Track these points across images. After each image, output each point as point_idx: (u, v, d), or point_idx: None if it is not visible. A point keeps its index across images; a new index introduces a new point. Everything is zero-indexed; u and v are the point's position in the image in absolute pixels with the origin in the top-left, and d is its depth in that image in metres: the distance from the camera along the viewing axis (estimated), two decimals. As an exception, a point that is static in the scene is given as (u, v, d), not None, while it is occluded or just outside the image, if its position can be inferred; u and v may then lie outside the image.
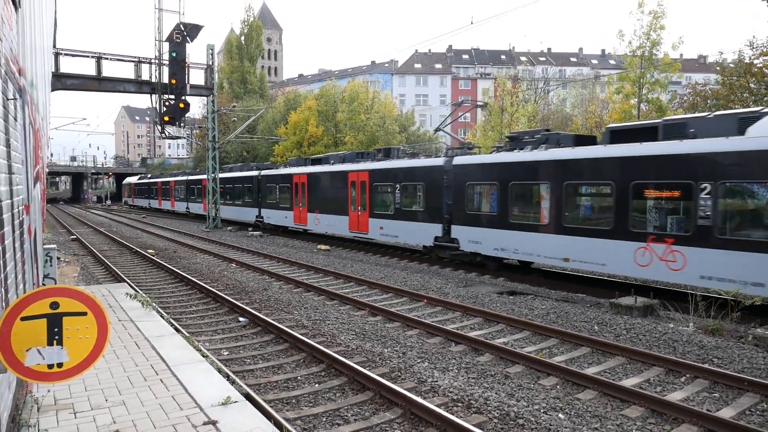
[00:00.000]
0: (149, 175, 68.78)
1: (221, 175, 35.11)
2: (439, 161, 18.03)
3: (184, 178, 45.62)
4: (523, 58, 79.84)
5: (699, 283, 10.83)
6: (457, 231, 16.79)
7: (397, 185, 19.55)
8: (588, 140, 14.48)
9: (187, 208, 43.88)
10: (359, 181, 21.50)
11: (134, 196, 66.69)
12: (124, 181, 77.28)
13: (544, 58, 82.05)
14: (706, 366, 7.53)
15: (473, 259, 16.62)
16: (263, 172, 30.96)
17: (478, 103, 24.10)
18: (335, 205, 23.11)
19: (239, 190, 33.34)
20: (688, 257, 10.76)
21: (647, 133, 12.11)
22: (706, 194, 10.48)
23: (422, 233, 18.33)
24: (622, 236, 12.07)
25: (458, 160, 17.01)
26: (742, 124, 10.28)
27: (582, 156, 13.15)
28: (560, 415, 6.15)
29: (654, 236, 11.46)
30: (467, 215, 16.41)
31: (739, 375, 7.11)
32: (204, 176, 39.24)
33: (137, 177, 71.11)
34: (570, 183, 13.34)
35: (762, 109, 10.53)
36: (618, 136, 12.77)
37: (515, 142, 15.97)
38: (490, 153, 16.99)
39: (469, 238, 16.31)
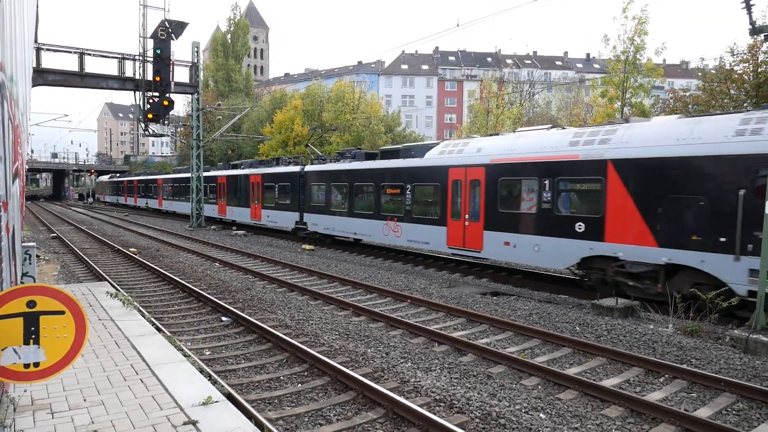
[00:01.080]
0: (117, 175, 76.56)
1: (168, 176, 43.71)
2: (297, 168, 25.24)
3: (144, 177, 54.21)
4: (509, 61, 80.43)
5: (407, 243, 18.21)
6: (306, 217, 24.17)
7: (276, 185, 26.85)
8: (372, 156, 21.38)
9: (147, 203, 51.97)
10: (256, 183, 29.08)
11: (105, 194, 74.67)
12: (97, 180, 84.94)
13: (529, 61, 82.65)
14: (684, 366, 7.64)
15: (314, 235, 23.95)
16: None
17: (331, 128, 37.75)
18: (242, 200, 30.88)
19: (183, 189, 40.69)
20: (403, 229, 18.06)
21: (395, 154, 19.42)
22: (409, 192, 17.77)
23: (289, 219, 25.65)
24: (377, 217, 19.27)
25: (307, 168, 24.56)
26: (427, 150, 17.56)
27: (361, 167, 20.58)
28: (541, 414, 6.20)
29: (389, 217, 18.68)
30: (311, 206, 23.77)
31: (716, 375, 7.22)
32: (158, 176, 48.57)
33: (108, 176, 77.93)
34: (356, 184, 20.62)
35: (440, 141, 18.33)
36: (384, 154, 20.29)
37: (341, 156, 23.79)
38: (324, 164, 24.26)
39: (312, 222, 23.68)
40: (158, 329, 8.53)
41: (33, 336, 3.15)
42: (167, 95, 23.68)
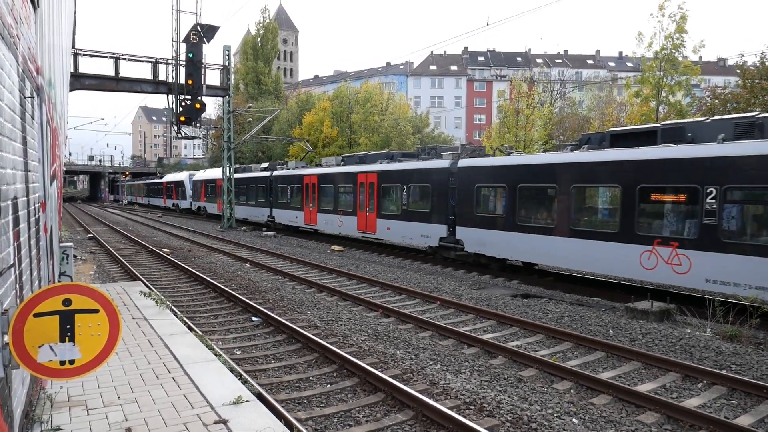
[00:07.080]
0: (127, 178, 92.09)
1: (137, 182, 70.64)
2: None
3: (148, 181, 68.90)
4: (539, 60, 79.44)
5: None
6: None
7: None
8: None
9: (148, 202, 66.13)
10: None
11: (124, 194, 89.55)
12: (117, 183, 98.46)
13: (560, 60, 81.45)
14: (723, 372, 7.39)
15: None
16: (147, 180, 61.61)
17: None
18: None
19: (136, 189, 65.19)
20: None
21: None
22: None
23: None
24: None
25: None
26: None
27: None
28: (574, 419, 6.07)
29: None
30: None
31: (758, 382, 6.96)
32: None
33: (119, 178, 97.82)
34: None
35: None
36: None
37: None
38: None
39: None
40: (190, 328, 8.66)
41: (68, 334, 3.20)
42: (199, 98, 24.11)
